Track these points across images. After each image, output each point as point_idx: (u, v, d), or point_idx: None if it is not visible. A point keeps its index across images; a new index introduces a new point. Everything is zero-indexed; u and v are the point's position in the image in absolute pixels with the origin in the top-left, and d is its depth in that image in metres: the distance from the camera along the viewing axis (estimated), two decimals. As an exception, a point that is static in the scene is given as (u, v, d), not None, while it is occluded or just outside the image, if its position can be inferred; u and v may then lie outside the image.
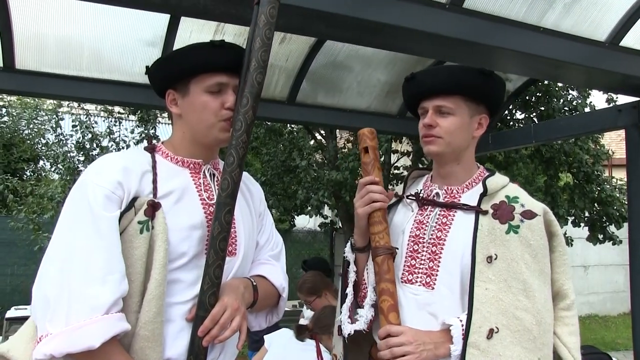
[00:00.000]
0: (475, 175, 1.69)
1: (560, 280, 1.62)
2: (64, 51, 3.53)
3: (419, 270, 1.61)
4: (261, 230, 1.72)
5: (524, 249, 1.54)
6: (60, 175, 8.17)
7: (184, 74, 1.49)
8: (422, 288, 1.58)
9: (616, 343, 8.48)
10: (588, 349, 3.08)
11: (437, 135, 1.60)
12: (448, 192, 1.67)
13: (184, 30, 3.36)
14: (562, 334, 1.57)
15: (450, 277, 1.56)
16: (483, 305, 1.48)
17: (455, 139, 1.62)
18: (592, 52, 3.13)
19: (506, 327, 1.46)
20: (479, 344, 1.45)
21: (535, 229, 1.57)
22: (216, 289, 1.40)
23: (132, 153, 1.63)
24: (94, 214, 1.33)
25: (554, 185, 7.07)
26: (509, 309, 1.48)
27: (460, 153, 1.66)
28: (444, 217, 1.63)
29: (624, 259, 3.91)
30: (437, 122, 1.60)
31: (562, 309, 1.60)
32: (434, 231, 1.62)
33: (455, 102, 1.60)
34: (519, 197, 1.63)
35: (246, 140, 1.44)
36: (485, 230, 1.56)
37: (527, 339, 1.46)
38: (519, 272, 1.52)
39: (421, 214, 1.67)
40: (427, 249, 1.61)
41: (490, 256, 1.52)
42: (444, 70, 1.68)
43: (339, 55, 3.99)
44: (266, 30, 1.44)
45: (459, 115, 1.61)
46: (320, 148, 8.59)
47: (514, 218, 1.58)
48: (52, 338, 1.24)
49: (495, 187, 1.63)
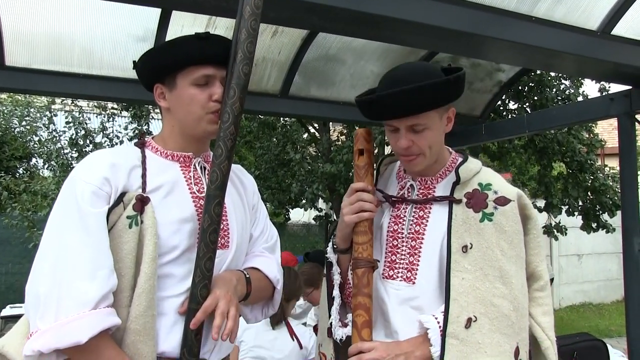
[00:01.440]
0: (449, 163, 1.66)
1: (535, 262, 1.61)
2: (55, 47, 3.50)
3: (400, 265, 1.59)
4: (255, 223, 1.72)
5: (499, 236, 1.53)
6: (54, 172, 8.13)
7: (170, 67, 1.48)
8: (404, 283, 1.57)
9: (610, 330, 8.56)
10: (583, 335, 3.11)
11: (417, 153, 1.55)
12: (422, 183, 1.65)
13: (176, 24, 3.34)
14: (537, 314, 1.57)
15: (430, 270, 1.55)
16: (460, 295, 1.47)
17: (434, 148, 1.57)
18: (583, 41, 3.14)
19: (484, 315, 1.46)
20: (458, 334, 1.44)
21: (509, 215, 1.56)
22: (207, 281, 1.40)
23: (122, 149, 1.63)
24: (81, 211, 1.33)
25: (547, 174, 7.10)
26: (486, 297, 1.47)
27: (438, 154, 1.63)
28: (420, 210, 1.62)
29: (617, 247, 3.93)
30: (413, 140, 1.52)
31: (536, 290, 1.60)
32: (412, 225, 1.61)
33: (427, 116, 1.51)
34: (491, 184, 1.60)
35: (234, 132, 1.43)
36: (460, 220, 1.55)
37: (506, 325, 1.47)
38: (495, 259, 1.51)
39: (397, 208, 1.65)
40: (407, 244, 1.60)
41: (466, 245, 1.52)
42: (414, 91, 1.46)
43: (331, 48, 3.98)
44: (252, 22, 1.44)
45: (433, 127, 1.53)
46: (314, 141, 8.59)
47: (488, 206, 1.56)
48: (41, 334, 1.25)
49: (468, 175, 1.61)
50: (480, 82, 4.89)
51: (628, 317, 3.89)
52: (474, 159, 1.68)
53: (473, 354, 1.43)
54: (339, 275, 1.67)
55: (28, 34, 3.38)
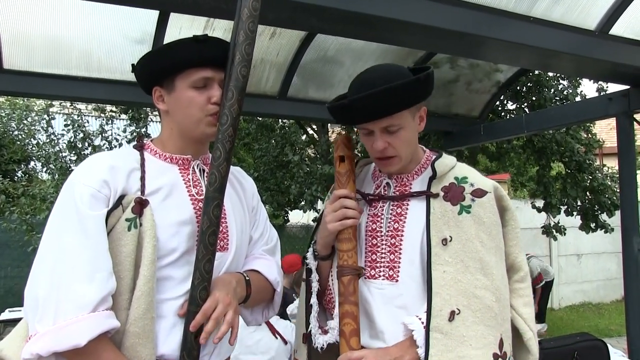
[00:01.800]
0: (424, 160, 1.66)
1: (514, 254, 1.61)
2: (53, 50, 3.50)
3: (381, 264, 1.58)
4: (255, 225, 1.71)
5: (478, 228, 1.53)
6: (52, 176, 8.12)
7: (168, 70, 1.48)
8: (386, 282, 1.56)
9: (609, 330, 8.55)
10: (584, 335, 3.10)
11: (392, 155, 1.55)
12: (398, 180, 1.64)
13: (174, 26, 3.34)
14: (518, 305, 1.58)
15: (412, 267, 1.54)
16: (442, 289, 1.47)
17: (409, 148, 1.58)
18: (581, 41, 3.15)
19: (467, 307, 1.46)
20: (442, 328, 1.44)
21: (486, 206, 1.56)
22: (207, 283, 1.39)
23: (121, 152, 1.62)
24: (80, 213, 1.32)
25: (546, 175, 7.11)
26: (469, 289, 1.47)
27: (413, 154, 1.63)
28: (397, 207, 1.61)
29: (617, 246, 3.93)
30: (388, 141, 1.53)
31: (516, 281, 1.60)
32: (391, 223, 1.60)
33: (401, 116, 1.51)
34: (467, 177, 1.61)
35: (233, 134, 1.43)
36: (438, 214, 1.54)
37: (489, 316, 1.46)
38: (475, 251, 1.51)
39: (374, 207, 1.65)
40: (386, 242, 1.58)
41: (445, 238, 1.51)
42: (385, 93, 1.46)
43: (329, 50, 3.99)
44: (249, 24, 1.44)
45: (406, 127, 1.53)
46: (313, 142, 8.60)
47: (465, 198, 1.56)
48: (39, 337, 1.24)
49: (444, 169, 1.61)
50: (479, 82, 4.90)
51: (628, 316, 3.90)
52: (448, 155, 1.68)
53: (458, 347, 1.42)
54: (318, 282, 1.65)
55: (26, 37, 3.38)
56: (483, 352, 1.43)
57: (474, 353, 1.42)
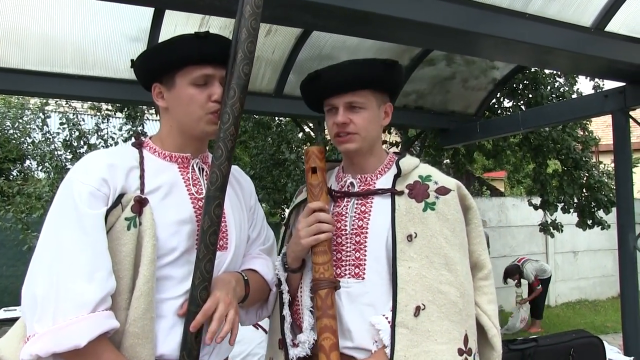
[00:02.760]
0: (387, 161, 1.70)
1: (477, 252, 1.64)
2: (47, 48, 3.48)
3: (346, 262, 1.59)
4: (252, 224, 1.71)
5: (442, 224, 1.56)
6: (48, 174, 8.09)
7: (169, 66, 1.46)
8: (352, 279, 1.57)
9: (605, 326, 8.57)
10: (579, 332, 3.11)
11: (352, 132, 1.59)
12: (362, 179, 1.66)
13: (169, 24, 3.33)
14: (482, 302, 1.60)
15: (378, 264, 1.55)
16: (407, 284, 1.48)
17: (370, 133, 1.61)
18: (577, 37, 3.15)
19: (432, 302, 1.47)
20: (407, 323, 1.45)
21: (450, 203, 1.59)
22: (207, 283, 1.38)
23: (119, 150, 1.61)
24: (79, 212, 1.31)
25: (542, 172, 7.12)
26: (433, 285, 1.49)
27: (374, 145, 1.66)
28: (362, 205, 1.63)
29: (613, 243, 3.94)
30: (350, 118, 1.58)
31: (480, 279, 1.62)
32: (355, 221, 1.61)
33: (365, 96, 1.59)
34: (431, 175, 1.65)
35: (234, 133, 1.42)
36: (403, 210, 1.56)
37: (454, 312, 1.48)
38: (440, 247, 1.53)
39: (338, 205, 1.66)
40: (351, 240, 1.60)
41: (410, 235, 1.53)
42: (351, 66, 1.61)
43: (325, 47, 3.98)
44: (252, 21, 1.43)
45: (370, 109, 1.60)
46: (309, 140, 8.58)
47: (429, 195, 1.59)
48: (39, 338, 1.23)
49: (408, 168, 1.64)
50: (475, 79, 4.90)
51: (623, 313, 3.91)
52: (411, 156, 1.72)
53: (423, 342, 1.44)
54: (288, 293, 1.65)
55: (20, 35, 3.36)
56: (448, 347, 1.45)
57: (439, 348, 1.44)
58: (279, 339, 1.64)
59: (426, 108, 4.98)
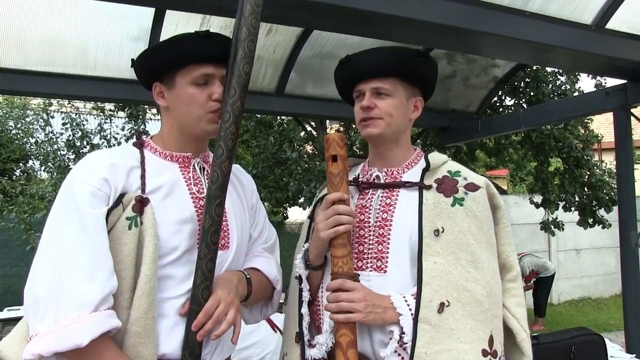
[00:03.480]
0: (415, 155, 1.67)
1: (506, 253, 1.60)
2: (49, 48, 3.50)
3: (369, 255, 1.55)
4: (254, 223, 1.70)
5: (470, 221, 1.52)
6: (51, 174, 8.11)
7: (169, 66, 1.47)
8: (374, 273, 1.53)
9: (608, 324, 8.56)
10: (581, 330, 3.10)
11: (376, 116, 1.57)
12: (388, 173, 1.63)
13: (170, 24, 3.34)
14: (511, 305, 1.55)
15: (400, 258, 1.51)
16: (432, 279, 1.44)
17: (395, 120, 1.58)
18: (578, 35, 3.15)
19: (457, 300, 1.43)
20: (430, 319, 1.41)
21: (479, 200, 1.56)
22: (209, 282, 1.39)
23: (120, 149, 1.61)
24: (80, 212, 1.31)
25: (544, 170, 7.11)
26: (459, 282, 1.45)
27: (399, 135, 1.63)
28: (387, 197, 1.59)
29: (616, 241, 3.93)
30: (375, 103, 1.57)
31: (508, 281, 1.58)
32: (379, 213, 1.57)
33: (393, 84, 1.57)
34: (460, 171, 1.61)
35: (235, 132, 1.42)
36: (431, 204, 1.53)
37: (479, 311, 1.43)
38: (467, 244, 1.49)
39: (363, 198, 1.62)
40: (374, 232, 1.56)
41: (437, 229, 1.49)
42: (381, 52, 1.61)
43: (326, 45, 3.99)
44: (252, 20, 1.43)
45: (396, 97, 1.58)
46: (311, 139, 8.59)
47: (458, 191, 1.55)
48: (41, 337, 1.23)
49: (437, 162, 1.61)
50: (476, 78, 4.89)
51: (625, 311, 3.91)
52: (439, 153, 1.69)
53: (446, 340, 1.39)
54: (309, 292, 1.60)
55: (22, 36, 3.37)
56: (472, 346, 1.40)
57: (462, 347, 1.39)
58: (296, 332, 1.60)
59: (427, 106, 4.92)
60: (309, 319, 1.60)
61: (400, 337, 1.43)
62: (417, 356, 1.38)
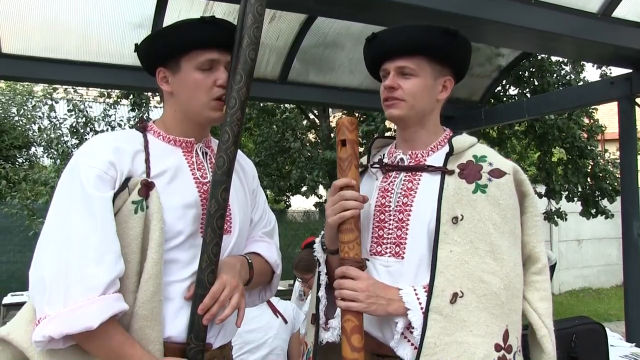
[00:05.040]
0: (441, 138, 1.60)
1: (532, 243, 1.52)
2: (51, 34, 3.49)
3: (388, 240, 1.51)
4: (255, 207, 1.71)
5: (492, 209, 1.45)
6: (54, 160, 8.13)
7: (174, 51, 1.46)
8: (392, 259, 1.49)
9: (609, 314, 8.59)
10: (581, 319, 3.11)
11: (399, 97, 1.51)
12: (413, 156, 1.57)
13: (173, 10, 3.33)
14: (533, 299, 1.48)
15: (419, 244, 1.47)
16: (447, 268, 1.39)
17: (419, 102, 1.52)
18: (583, 23, 3.12)
19: (472, 291, 1.37)
20: (442, 309, 1.36)
21: (504, 188, 1.48)
22: (214, 266, 1.40)
23: (124, 133, 1.60)
24: (87, 195, 1.31)
25: (547, 160, 7.10)
26: (475, 272, 1.39)
27: (425, 117, 1.56)
28: (409, 182, 1.54)
29: (617, 232, 3.93)
30: (399, 84, 1.51)
31: (533, 273, 1.51)
32: (400, 197, 1.53)
33: (418, 63, 1.50)
34: (487, 156, 1.54)
35: (241, 118, 1.42)
36: (451, 190, 1.47)
37: (495, 304, 1.38)
38: (487, 233, 1.42)
39: (385, 181, 1.58)
40: (394, 217, 1.52)
41: (456, 217, 1.43)
42: (407, 30, 1.52)
43: (329, 33, 3.97)
44: (258, 7, 1.42)
45: (422, 77, 1.51)
46: (313, 127, 8.58)
47: (482, 177, 1.48)
48: (51, 320, 1.24)
49: (462, 146, 1.54)
50: (480, 66, 4.87)
51: (627, 301, 3.92)
52: (469, 135, 1.61)
53: (457, 332, 1.35)
54: (326, 275, 1.58)
55: (24, 22, 3.37)
56: (484, 340, 1.35)
57: (474, 340, 1.34)
58: (312, 314, 1.60)
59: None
60: (326, 301, 1.57)
61: (410, 328, 1.40)
62: (426, 346, 1.34)
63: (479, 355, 1.33)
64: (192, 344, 1.39)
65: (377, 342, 1.50)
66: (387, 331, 1.48)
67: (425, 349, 1.34)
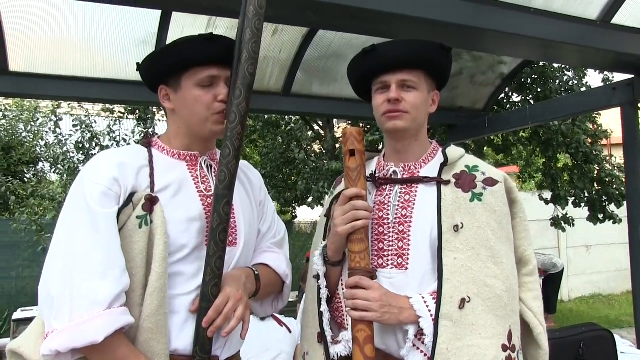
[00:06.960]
0: (431, 150, 1.64)
1: (523, 247, 1.59)
2: (57, 52, 3.54)
3: (389, 252, 1.54)
4: (262, 218, 1.72)
5: (489, 216, 1.51)
6: (61, 176, 8.19)
7: (174, 69, 1.49)
8: (395, 270, 1.52)
9: (620, 321, 8.51)
10: (589, 326, 3.09)
11: (403, 110, 1.54)
12: (406, 168, 1.61)
13: (176, 26, 3.37)
14: (527, 299, 1.55)
15: (422, 254, 1.50)
16: (453, 275, 1.44)
17: (420, 115, 1.57)
18: (583, 31, 3.14)
19: (477, 295, 1.43)
20: (451, 315, 1.40)
21: (498, 195, 1.55)
22: (218, 280, 1.41)
23: (129, 149, 1.63)
24: (92, 211, 1.34)
25: (553, 166, 7.08)
26: (479, 277, 1.44)
27: (420, 129, 1.61)
28: (405, 194, 1.57)
29: (626, 237, 3.92)
30: (402, 96, 1.54)
31: (525, 275, 1.58)
32: (398, 210, 1.55)
33: (418, 77, 1.56)
34: (478, 166, 1.60)
35: (241, 132, 1.44)
36: (449, 200, 1.52)
37: (499, 306, 1.44)
38: (486, 239, 1.48)
39: (380, 194, 1.60)
40: (394, 229, 1.54)
41: (457, 225, 1.48)
42: (409, 44, 1.58)
43: (332, 45, 4.00)
44: (256, 21, 1.45)
45: (420, 90, 1.56)
46: (318, 138, 8.61)
47: (477, 186, 1.54)
48: (57, 334, 1.26)
49: (455, 157, 1.60)
50: (482, 75, 4.89)
51: (636, 307, 3.88)
52: (456, 146, 1.67)
53: (467, 336, 1.39)
54: (326, 289, 1.59)
55: (30, 40, 3.42)
56: (492, 342, 1.40)
57: (483, 343, 1.39)
58: (317, 332, 1.58)
59: (434, 104, 4.97)
60: (329, 315, 1.59)
61: (420, 336, 1.44)
62: (439, 352, 1.38)
63: (489, 356, 1.39)
64: (198, 356, 1.40)
65: (382, 354, 1.50)
66: (391, 342, 1.50)
67: (438, 355, 1.38)
